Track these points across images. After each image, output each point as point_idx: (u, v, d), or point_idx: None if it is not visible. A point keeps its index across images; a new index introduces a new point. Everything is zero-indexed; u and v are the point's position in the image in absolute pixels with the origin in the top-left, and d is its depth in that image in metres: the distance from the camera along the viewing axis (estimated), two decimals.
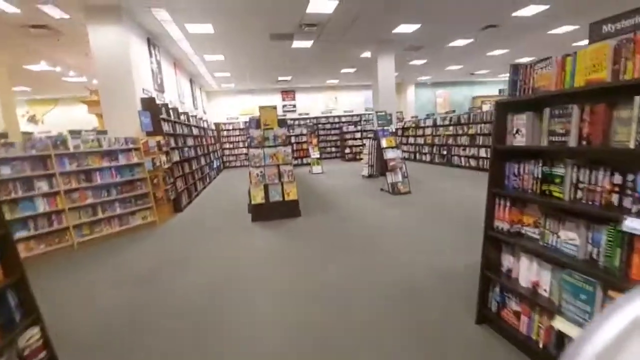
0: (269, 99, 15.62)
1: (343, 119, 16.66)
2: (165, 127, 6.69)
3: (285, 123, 5.89)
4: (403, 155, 7.48)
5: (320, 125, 16.37)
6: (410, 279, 3.01)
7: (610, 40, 1.42)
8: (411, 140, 13.43)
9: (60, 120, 13.53)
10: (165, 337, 2.40)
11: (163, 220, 5.77)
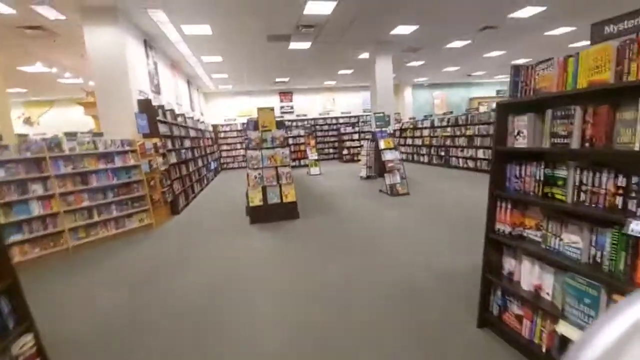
0: (266, 100, 15.58)
1: (341, 120, 16.63)
2: (162, 129, 6.63)
3: (283, 124, 5.87)
4: (401, 157, 7.48)
5: (318, 127, 16.35)
6: (409, 279, 3.00)
7: (613, 42, 1.42)
8: (409, 141, 13.45)
9: (56, 122, 13.42)
10: (165, 337, 2.38)
11: (160, 222, 5.72)
